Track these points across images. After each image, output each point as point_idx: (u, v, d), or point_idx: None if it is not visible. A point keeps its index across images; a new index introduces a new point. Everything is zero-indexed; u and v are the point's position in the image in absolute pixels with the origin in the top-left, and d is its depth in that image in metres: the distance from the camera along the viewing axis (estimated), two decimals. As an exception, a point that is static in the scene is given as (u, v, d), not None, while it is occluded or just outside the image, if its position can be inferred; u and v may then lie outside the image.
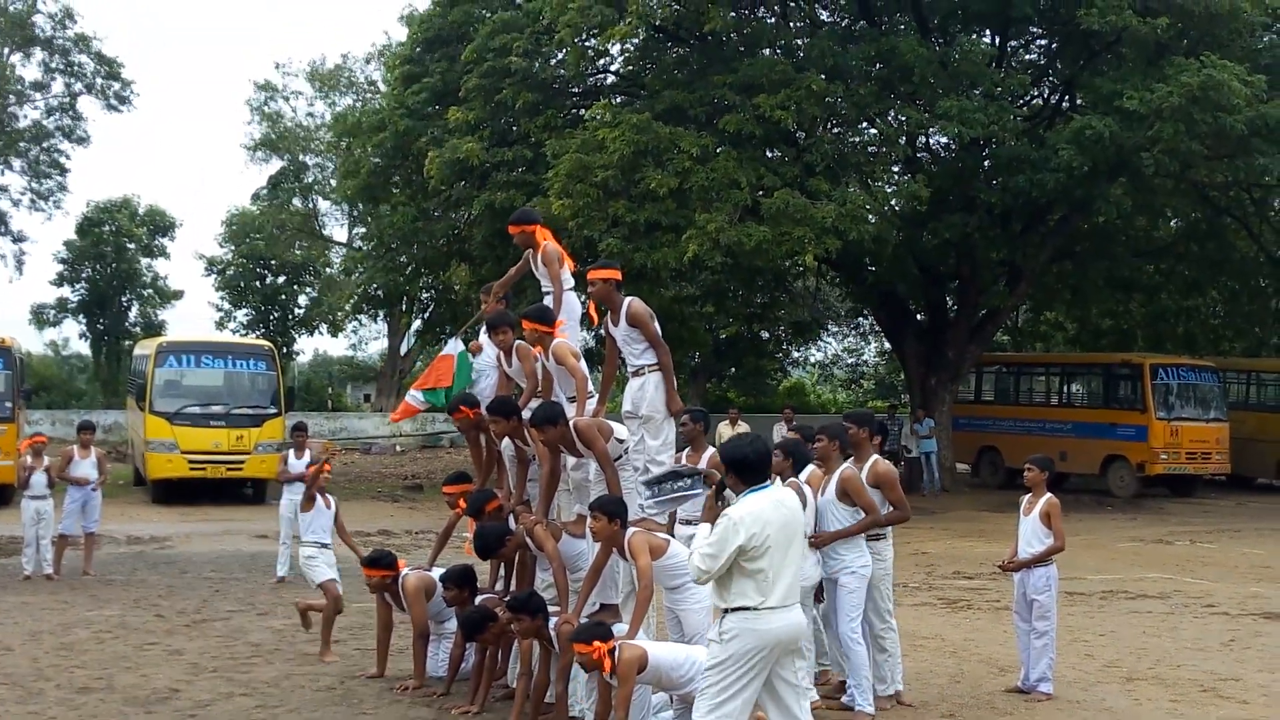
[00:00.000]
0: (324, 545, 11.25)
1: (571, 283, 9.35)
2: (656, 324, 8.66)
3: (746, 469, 6.42)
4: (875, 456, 9.12)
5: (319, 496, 11.48)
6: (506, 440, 9.20)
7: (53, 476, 15.22)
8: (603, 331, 9.27)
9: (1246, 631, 12.45)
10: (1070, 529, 20.86)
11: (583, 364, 8.88)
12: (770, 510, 6.32)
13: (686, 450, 9.18)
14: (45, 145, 44.50)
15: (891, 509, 9.03)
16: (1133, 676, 10.31)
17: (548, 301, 9.12)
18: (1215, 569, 17.10)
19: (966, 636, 12.01)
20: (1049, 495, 9.78)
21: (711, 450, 8.89)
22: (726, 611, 6.29)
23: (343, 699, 9.21)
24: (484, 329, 9.74)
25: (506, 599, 8.54)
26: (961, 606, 13.78)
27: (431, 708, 8.95)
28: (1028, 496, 9.89)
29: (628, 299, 8.65)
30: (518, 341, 9.29)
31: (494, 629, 8.68)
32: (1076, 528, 21.43)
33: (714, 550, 6.25)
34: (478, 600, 9.14)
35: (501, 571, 9.49)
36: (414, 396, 10.40)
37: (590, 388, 8.79)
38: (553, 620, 8.14)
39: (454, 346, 10.27)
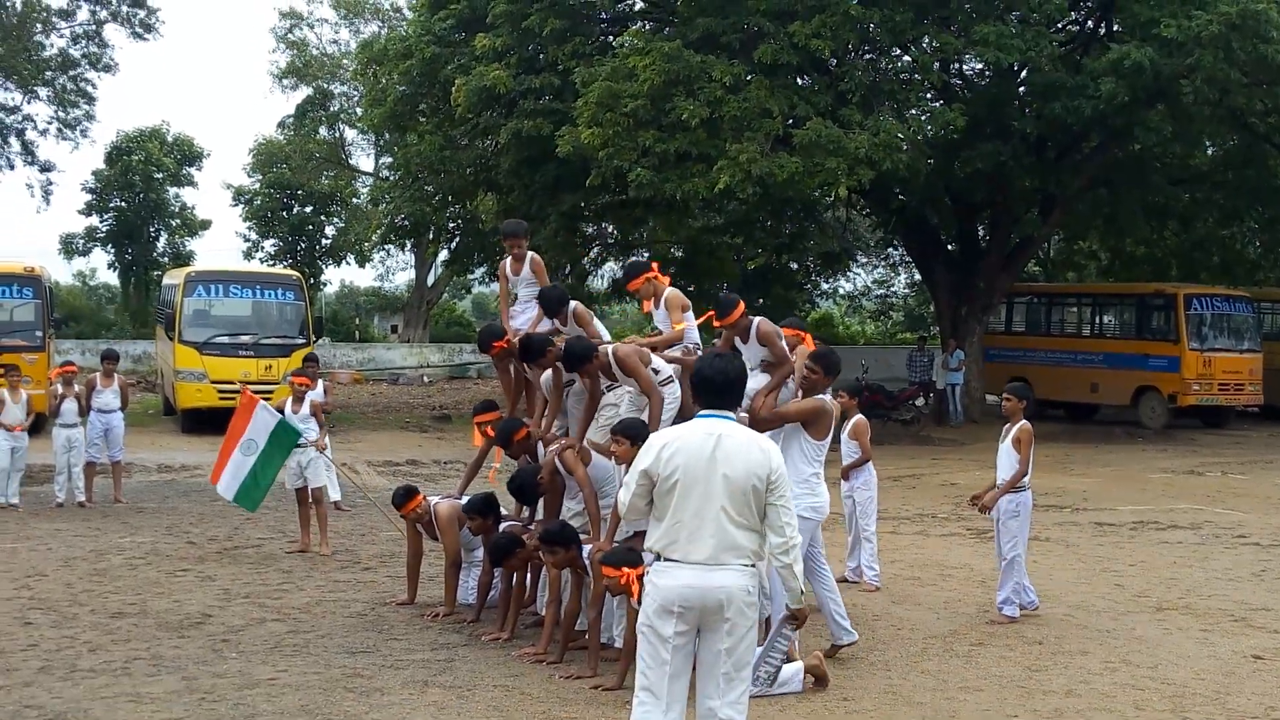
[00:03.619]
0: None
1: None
2: (689, 314, 9.09)
3: (699, 388, 5.55)
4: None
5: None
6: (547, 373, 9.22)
7: (83, 404, 15.32)
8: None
9: (1278, 562, 12.39)
10: (1101, 460, 20.95)
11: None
12: (696, 441, 5.32)
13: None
14: (72, 74, 44.24)
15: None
16: (1163, 606, 10.29)
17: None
18: (1247, 500, 17.01)
19: (994, 566, 11.92)
20: (1024, 422, 9.75)
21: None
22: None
23: (373, 625, 9.28)
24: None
25: (540, 532, 8.48)
26: (989, 537, 13.64)
27: (462, 634, 9.00)
28: (1007, 426, 9.86)
29: (667, 291, 9.17)
30: (531, 254, 9.80)
31: (520, 554, 8.69)
32: (1107, 459, 21.39)
33: (627, 476, 5.57)
34: (502, 527, 9.14)
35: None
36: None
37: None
38: (586, 548, 8.13)
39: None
